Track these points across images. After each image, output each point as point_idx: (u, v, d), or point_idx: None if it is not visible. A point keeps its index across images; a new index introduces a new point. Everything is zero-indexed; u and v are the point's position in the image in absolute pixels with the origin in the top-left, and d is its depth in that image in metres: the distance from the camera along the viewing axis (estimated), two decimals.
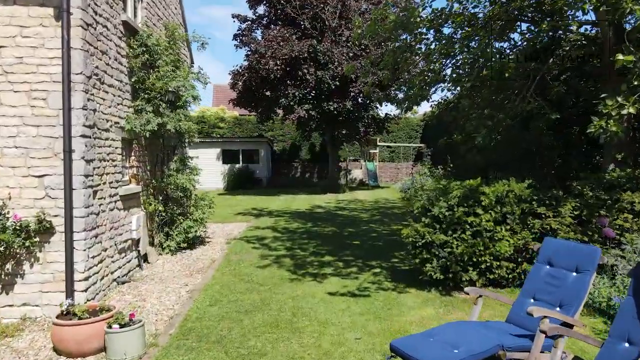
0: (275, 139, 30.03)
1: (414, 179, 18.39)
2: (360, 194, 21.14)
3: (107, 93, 6.18)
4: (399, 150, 31.03)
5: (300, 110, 18.61)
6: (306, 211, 14.89)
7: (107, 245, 6.11)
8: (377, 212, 14.40)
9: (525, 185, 6.08)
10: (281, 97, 18.63)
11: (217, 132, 29.23)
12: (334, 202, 17.51)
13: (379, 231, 10.79)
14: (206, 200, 9.55)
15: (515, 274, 5.94)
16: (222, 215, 14.22)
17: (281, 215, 13.78)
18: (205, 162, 27.13)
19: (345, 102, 18.69)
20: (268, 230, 11.11)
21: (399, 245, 8.94)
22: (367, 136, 22.33)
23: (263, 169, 26.67)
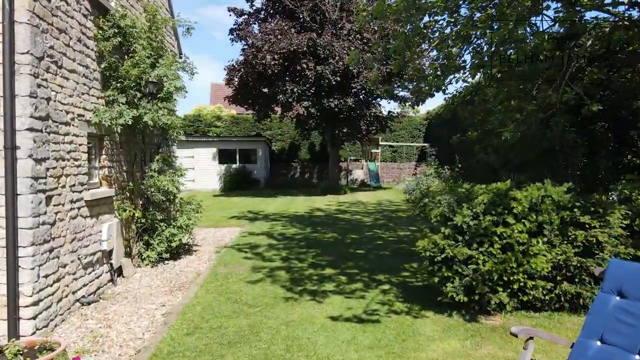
0: (274, 139, 29.07)
1: (419, 180, 17.44)
2: (362, 196, 20.17)
3: (68, 80, 5.21)
4: (402, 150, 30.07)
5: (299, 107, 17.64)
6: (305, 215, 13.92)
7: (67, 261, 5.14)
8: (381, 216, 13.43)
9: (564, 189, 5.11)
10: (279, 93, 17.66)
11: (213, 131, 28.30)
12: (335, 205, 16.55)
13: (384, 238, 9.82)
14: (193, 204, 8.58)
15: (553, 296, 4.97)
16: (215, 218, 13.27)
17: (278, 220, 12.81)
18: (200, 162, 26.22)
19: (346, 99, 17.72)
20: (263, 236, 10.14)
21: (408, 255, 7.97)
22: (369, 135, 21.36)
23: (261, 170, 25.72)
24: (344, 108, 17.97)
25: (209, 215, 13.99)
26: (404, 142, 29.80)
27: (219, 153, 25.49)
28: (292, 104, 17.75)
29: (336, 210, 14.85)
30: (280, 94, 17.58)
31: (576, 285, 4.91)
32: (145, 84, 6.86)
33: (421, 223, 11.74)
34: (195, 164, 25.29)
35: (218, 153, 25.48)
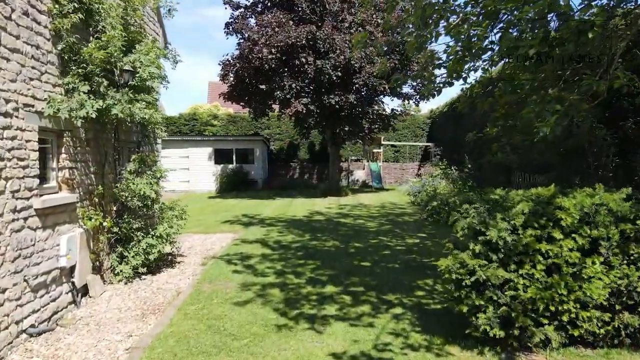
0: (272, 138, 28.09)
1: (425, 182, 16.46)
2: (364, 198, 19.19)
3: (8, 61, 4.23)
4: (404, 150, 29.09)
5: (297, 104, 16.65)
6: (304, 219, 12.94)
7: (6, 284, 4.16)
8: (386, 220, 12.45)
9: (623, 195, 4.14)
10: (276, 89, 16.66)
11: (209, 130, 27.33)
12: (336, 208, 15.56)
13: (391, 247, 8.84)
14: (176, 209, 7.60)
15: (610, 329, 3.99)
16: (206, 223, 12.29)
17: (274, 224, 11.83)
18: (195, 162, 25.24)
19: (347, 96, 16.73)
20: (257, 245, 9.15)
21: (421, 269, 6.99)
22: (372, 134, 20.39)
23: (258, 170, 24.74)
24: (345, 105, 16.99)
25: (201, 219, 13.03)
26: (406, 141, 28.82)
27: (215, 153, 24.53)
28: (290, 100, 16.76)
29: (337, 214, 13.87)
30: (278, 90, 16.58)
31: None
32: (120, 73, 5.89)
33: (431, 229, 10.76)
34: (190, 164, 24.34)
35: (214, 153, 24.52)
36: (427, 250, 8.31)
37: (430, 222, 11.92)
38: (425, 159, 27.63)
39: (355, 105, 17.24)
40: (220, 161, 24.50)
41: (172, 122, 26.90)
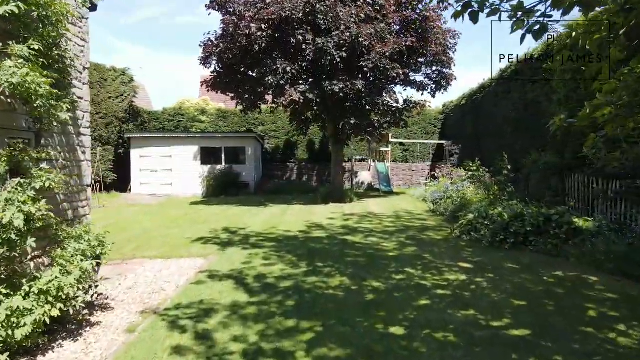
0: (267, 135, 25.21)
1: (447, 186, 13.57)
2: (372, 204, 16.29)
3: None
4: (414, 149, 26.19)
5: (293, 92, 13.73)
6: (300, 235, 10.04)
7: None
8: (407, 238, 9.55)
9: None
10: (267, 74, 13.74)
11: (197, 126, 24.50)
12: (340, 218, 12.66)
13: (428, 289, 5.92)
14: (87, 239, 4.70)
15: None
16: (174, 242, 9.40)
17: (261, 245, 8.93)
18: (179, 162, 22.29)
19: (354, 81, 13.82)
20: (229, 283, 6.25)
21: (500, 350, 4.06)
22: (381, 129, 17.47)
23: (250, 171, 21.84)
24: (351, 93, 14.08)
25: (169, 235, 10.13)
26: (416, 139, 25.92)
27: (202, 152, 21.64)
28: (284, 87, 13.84)
29: (342, 228, 10.97)
30: (270, 75, 13.66)
31: None
32: None
33: (472, 254, 7.84)
34: (174, 164, 21.47)
35: (200, 152, 21.63)
36: (487, 300, 5.40)
37: (467, 241, 9.02)
38: (438, 158, 24.73)
39: (363, 93, 14.33)
40: (207, 161, 21.62)
41: (155, 118, 24.08)
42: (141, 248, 8.90)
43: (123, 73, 21.07)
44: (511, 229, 8.20)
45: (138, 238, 9.92)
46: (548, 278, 6.24)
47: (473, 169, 11.93)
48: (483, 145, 18.11)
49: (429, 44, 15.10)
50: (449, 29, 16.00)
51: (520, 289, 5.72)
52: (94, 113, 19.50)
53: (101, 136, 19.88)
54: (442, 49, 15.75)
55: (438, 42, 15.48)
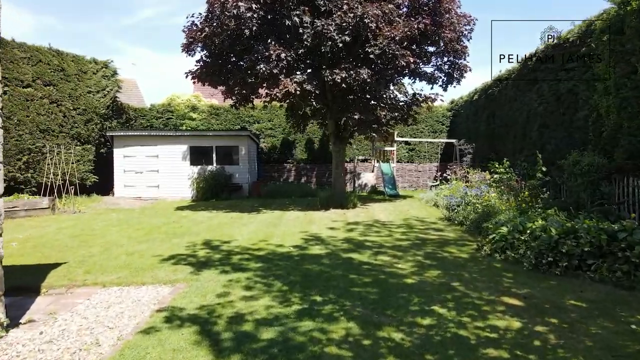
0: (262, 134, 23.46)
1: (466, 191, 11.81)
2: (378, 210, 14.53)
3: None
4: (421, 148, 24.43)
5: (288, 82, 11.95)
6: (294, 252, 8.28)
7: None
8: (426, 256, 7.80)
9: None
10: (259, 61, 11.96)
11: (187, 124, 22.76)
12: (343, 228, 10.91)
13: (470, 343, 4.17)
14: None
15: None
16: (139, 261, 7.63)
17: (244, 266, 7.17)
18: (167, 163, 20.44)
19: (359, 70, 12.04)
20: (190, 332, 4.49)
21: None
22: (388, 125, 15.68)
23: (244, 173, 20.08)
24: (355, 84, 12.31)
25: (136, 252, 8.36)
26: (423, 137, 24.15)
27: (191, 151, 19.88)
28: (278, 77, 12.06)
29: (346, 241, 9.21)
30: (262, 63, 11.86)
31: None
32: None
33: (514, 281, 6.06)
34: (161, 165, 19.71)
35: (190, 151, 19.86)
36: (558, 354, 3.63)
37: (501, 261, 7.26)
38: (447, 158, 22.95)
39: (369, 84, 12.54)
40: (197, 162, 19.86)
41: (142, 115, 22.34)
42: (97, 270, 7.15)
43: (105, 66, 19.31)
44: (562, 249, 6.43)
45: (98, 256, 8.17)
46: (638, 327, 4.47)
47: (500, 171, 10.15)
48: (499, 144, 16.35)
49: (443, 29, 13.33)
50: (464, 14, 14.23)
51: (608, 348, 3.96)
52: (71, 109, 17.73)
53: (79, 134, 18.11)
54: (456, 35, 13.99)
55: (452, 28, 13.71)
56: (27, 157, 16.11)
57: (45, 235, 10.51)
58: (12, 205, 13.79)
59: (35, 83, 16.45)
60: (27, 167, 16.20)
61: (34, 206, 14.32)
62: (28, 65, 16.26)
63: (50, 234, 10.77)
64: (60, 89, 17.27)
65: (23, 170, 16.07)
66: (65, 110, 17.44)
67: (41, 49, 16.82)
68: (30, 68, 16.33)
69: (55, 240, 9.92)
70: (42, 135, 16.64)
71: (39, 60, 16.63)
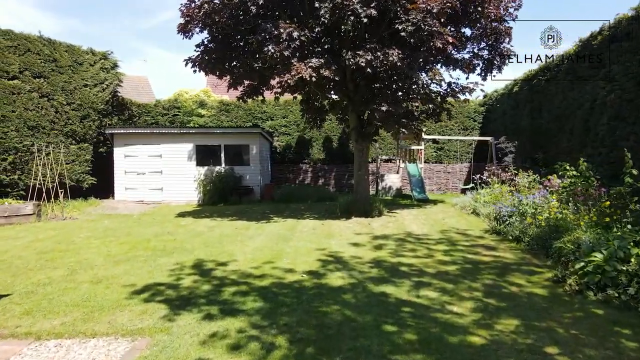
0: (276, 131, 21.53)
1: (520, 199, 9.66)
2: (407, 218, 12.43)
3: None
4: (450, 147, 22.19)
5: (302, 67, 9.93)
6: (307, 282, 6.26)
7: None
8: (486, 291, 5.71)
9: None
10: (267, 41, 9.98)
11: (195, 121, 20.96)
12: (368, 245, 8.87)
13: None
14: None
15: None
16: (101, 298, 5.66)
17: (237, 308, 5.19)
18: (171, 163, 18.59)
19: (387, 51, 9.96)
20: None
21: None
22: (419, 120, 13.51)
23: (255, 174, 18.16)
24: (383, 69, 10.24)
25: (105, 280, 6.42)
26: (453, 135, 21.90)
27: (197, 151, 18.03)
28: (290, 60, 10.05)
29: (374, 264, 7.16)
30: (270, 43, 9.88)
31: None
32: None
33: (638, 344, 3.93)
34: (165, 166, 17.92)
35: (196, 151, 18.02)
36: None
37: (600, 304, 5.12)
38: (481, 158, 20.63)
39: (399, 69, 10.44)
40: (204, 162, 18.01)
41: (146, 111, 20.65)
42: (41, 310, 5.27)
43: (104, 57, 17.62)
44: None
45: (56, 284, 6.30)
46: None
47: (573, 174, 7.94)
48: (548, 142, 14.07)
49: (485, 4, 11.18)
50: None
51: None
52: (65, 103, 16.06)
53: (74, 131, 16.44)
54: (501, 13, 11.82)
55: (497, 3, 11.56)
56: (13, 156, 14.47)
57: (10, 250, 8.73)
58: None
59: (22, 75, 14.80)
60: (14, 168, 14.57)
61: (16, 212, 12.64)
62: (14, 55, 14.62)
63: (17, 248, 8.99)
64: (52, 82, 15.61)
65: (9, 171, 14.44)
66: (57, 105, 15.77)
67: (30, 37, 15.19)
68: (17, 58, 14.69)
69: (19, 257, 8.12)
70: (30, 133, 14.99)
71: (28, 50, 14.99)
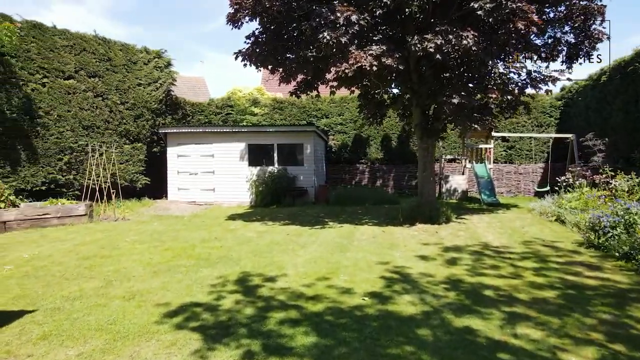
0: (331, 130, 20.52)
1: (628, 206, 8.01)
2: (480, 226, 10.97)
3: None
4: (522, 145, 20.18)
5: (361, 55, 8.80)
6: (370, 309, 5.13)
7: None
8: (606, 330, 4.34)
9: None
10: (322, 27, 8.94)
11: (248, 120, 20.36)
12: (439, 259, 7.59)
13: None
14: None
15: None
16: (129, 321, 4.77)
17: (284, 345, 4.15)
18: (223, 163, 17.84)
19: (461, 34, 8.61)
20: None
21: None
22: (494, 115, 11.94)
23: (310, 174, 17.22)
24: (455, 55, 8.89)
25: (139, 295, 5.59)
26: (525, 132, 19.89)
27: (250, 150, 17.37)
28: (347, 48, 8.95)
29: (450, 287, 5.90)
30: (325, 29, 8.82)
31: None
32: None
33: None
34: (216, 166, 17.40)
35: (248, 150, 17.37)
36: None
37: None
38: (559, 157, 18.51)
39: (474, 55, 9.04)
40: (256, 162, 17.32)
41: (200, 110, 20.29)
42: (60, 334, 4.51)
43: (158, 56, 17.38)
44: None
45: (85, 300, 5.59)
46: None
47: None
48: None
49: None
50: None
51: None
52: (119, 103, 15.92)
53: (128, 131, 16.27)
54: None
55: None
56: (68, 156, 14.41)
57: (52, 255, 8.26)
58: (43, 212, 11.97)
59: (78, 74, 14.74)
60: (70, 168, 14.51)
61: (69, 213, 12.44)
62: (70, 55, 14.57)
63: (60, 252, 8.53)
64: (106, 81, 15.49)
65: (65, 171, 14.39)
66: (111, 105, 15.63)
67: (86, 36, 15.13)
68: (73, 57, 14.63)
69: (59, 263, 7.59)
70: (85, 133, 14.91)
71: (83, 49, 14.92)
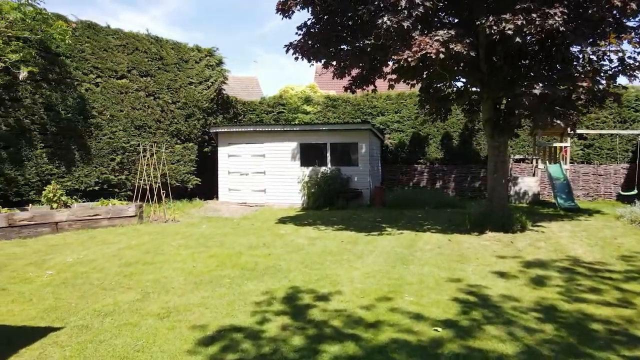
0: (388, 128, 19.41)
1: None
2: (562, 235, 9.55)
3: None
4: (602, 144, 18.12)
5: (426, 41, 7.73)
6: (444, 339, 4.11)
7: None
8: None
9: None
10: (381, 11, 7.95)
11: (301, 118, 19.68)
12: (522, 277, 6.40)
13: None
14: None
15: None
16: (160, 346, 4.04)
17: None
18: (274, 163, 17.31)
19: (546, 11, 7.34)
20: None
21: None
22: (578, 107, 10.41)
23: (364, 175, 16.25)
24: (537, 37, 7.61)
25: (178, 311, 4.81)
26: (607, 128, 17.83)
27: (302, 150, 16.66)
28: (410, 33, 7.91)
29: (544, 317, 4.75)
30: (385, 13, 7.83)
31: None
32: None
33: None
34: (267, 166, 16.82)
35: (300, 150, 16.66)
36: None
37: None
38: None
39: (562, 36, 7.70)
40: (308, 162, 16.58)
41: (251, 109, 19.85)
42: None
43: (210, 54, 17.06)
44: None
45: (116, 316, 4.97)
46: None
47: None
48: None
49: None
50: None
51: None
52: (170, 102, 15.70)
53: (179, 130, 16.03)
54: None
55: None
56: (121, 157, 14.31)
57: (95, 260, 7.85)
58: (94, 212, 11.81)
59: (130, 74, 14.62)
60: (122, 168, 14.41)
61: (119, 214, 12.23)
62: (123, 54, 14.47)
63: (104, 257, 8.11)
64: (158, 80, 15.30)
65: (117, 171, 14.30)
66: (163, 104, 15.44)
67: (138, 35, 15.01)
68: (126, 57, 14.53)
69: (100, 270, 7.13)
70: (137, 132, 14.77)
71: (136, 49, 14.79)
